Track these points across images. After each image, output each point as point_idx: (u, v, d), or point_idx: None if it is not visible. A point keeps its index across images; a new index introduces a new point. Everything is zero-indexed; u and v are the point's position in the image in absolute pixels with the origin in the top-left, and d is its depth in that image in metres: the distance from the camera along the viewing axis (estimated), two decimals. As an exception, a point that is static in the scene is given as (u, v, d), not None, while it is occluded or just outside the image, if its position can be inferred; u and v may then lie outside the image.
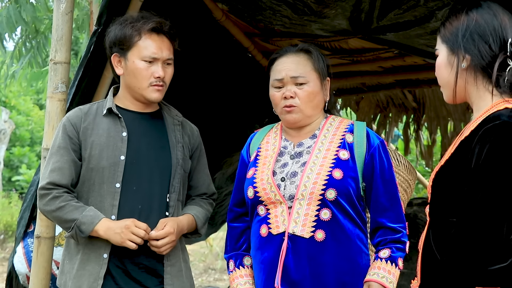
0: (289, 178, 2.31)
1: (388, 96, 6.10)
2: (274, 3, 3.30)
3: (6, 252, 9.58)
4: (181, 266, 2.54)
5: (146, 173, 2.49)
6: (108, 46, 2.55)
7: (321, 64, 2.41)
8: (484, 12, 1.83)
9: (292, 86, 2.35)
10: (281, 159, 2.38)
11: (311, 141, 2.39)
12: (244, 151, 2.52)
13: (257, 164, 2.41)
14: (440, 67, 1.90)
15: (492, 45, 1.79)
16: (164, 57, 2.49)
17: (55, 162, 2.46)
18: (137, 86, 2.50)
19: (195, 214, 2.58)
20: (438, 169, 1.86)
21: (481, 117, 1.79)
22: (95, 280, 2.40)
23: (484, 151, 1.70)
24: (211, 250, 9.37)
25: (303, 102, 2.35)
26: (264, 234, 2.32)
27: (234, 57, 4.24)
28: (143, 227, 2.39)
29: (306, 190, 2.27)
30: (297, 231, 2.26)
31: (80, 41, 8.30)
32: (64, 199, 2.41)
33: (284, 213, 2.29)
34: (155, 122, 2.59)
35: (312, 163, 2.31)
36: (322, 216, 2.26)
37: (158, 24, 2.49)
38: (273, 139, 2.46)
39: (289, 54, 2.41)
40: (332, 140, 2.36)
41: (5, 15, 5.15)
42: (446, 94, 1.92)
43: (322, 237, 2.26)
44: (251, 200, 2.37)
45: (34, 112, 17.02)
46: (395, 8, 3.16)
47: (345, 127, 2.40)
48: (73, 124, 2.50)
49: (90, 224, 2.38)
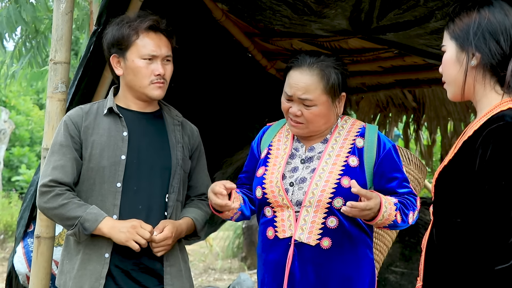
0: (297, 184, 2.31)
1: (388, 96, 6.09)
2: (274, 3, 3.30)
3: (6, 252, 9.57)
4: (180, 267, 2.54)
5: (146, 173, 2.49)
6: (106, 48, 2.55)
7: (335, 83, 2.32)
8: (496, 11, 1.81)
9: (299, 105, 2.32)
10: (292, 162, 2.38)
11: (322, 146, 2.37)
12: (254, 144, 2.52)
13: (267, 163, 2.40)
14: (448, 63, 1.87)
15: (503, 44, 1.78)
16: (163, 54, 2.49)
17: (57, 160, 2.46)
18: (138, 84, 2.50)
19: (194, 217, 2.58)
20: (442, 169, 1.86)
21: (484, 117, 1.78)
22: (96, 279, 2.40)
23: (488, 152, 1.69)
24: (211, 250, 9.37)
25: (309, 122, 2.33)
26: (270, 236, 2.33)
27: (234, 57, 4.24)
28: (148, 229, 2.39)
29: (314, 198, 2.26)
30: (303, 238, 2.27)
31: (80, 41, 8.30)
32: (67, 197, 2.41)
33: (290, 218, 2.30)
34: (155, 122, 2.59)
35: (321, 169, 2.30)
36: (328, 224, 2.26)
37: (155, 22, 2.50)
38: (284, 138, 2.45)
39: (303, 68, 2.32)
40: (342, 145, 2.35)
41: (5, 15, 5.15)
42: (452, 91, 1.89)
43: (328, 244, 2.26)
44: (258, 200, 2.38)
45: (34, 112, 17.00)
46: (395, 8, 3.16)
47: (356, 130, 2.38)
48: (74, 123, 2.49)
49: (94, 221, 2.37)
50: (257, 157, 2.49)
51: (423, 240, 1.93)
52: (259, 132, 2.55)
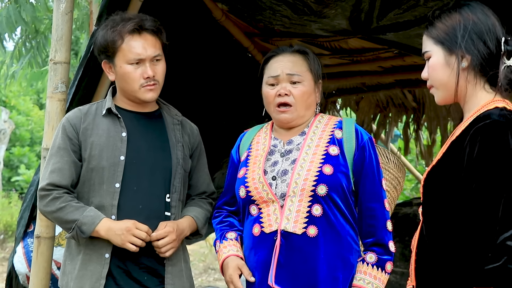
0: (280, 177, 2.32)
1: (388, 96, 6.10)
2: (274, 3, 3.30)
3: (6, 252, 9.57)
4: (181, 266, 2.54)
5: (146, 173, 2.49)
6: (97, 54, 2.55)
7: (316, 66, 2.43)
8: (477, 12, 1.84)
9: (287, 84, 2.37)
10: (272, 157, 2.39)
11: (300, 138, 2.40)
12: (234, 151, 2.54)
13: (248, 164, 2.41)
14: (436, 68, 1.88)
15: (489, 44, 1.80)
16: (150, 56, 2.46)
17: (55, 163, 2.46)
18: (129, 89, 2.49)
19: (194, 215, 2.58)
20: (430, 169, 1.87)
21: (471, 116, 1.80)
22: (97, 280, 2.40)
23: (475, 150, 1.70)
24: (211, 250, 9.36)
25: (297, 101, 2.36)
26: (256, 233, 2.32)
27: (234, 57, 4.24)
28: (144, 229, 2.39)
29: (297, 187, 2.27)
30: (289, 228, 2.27)
31: (80, 41, 8.30)
32: (64, 200, 2.41)
33: (276, 212, 2.30)
34: (154, 122, 2.59)
35: (302, 160, 2.32)
36: (313, 212, 2.27)
37: (137, 24, 2.45)
38: (263, 139, 2.48)
39: (285, 53, 2.43)
40: (321, 136, 2.37)
41: (5, 15, 5.14)
42: (441, 95, 1.90)
43: (314, 233, 2.26)
44: (243, 200, 2.38)
45: (34, 112, 17.00)
46: (395, 8, 3.16)
47: (333, 123, 2.41)
48: (72, 125, 2.49)
49: (91, 224, 2.37)
50: (236, 163, 2.50)
51: (413, 240, 1.93)
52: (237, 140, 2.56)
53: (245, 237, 2.39)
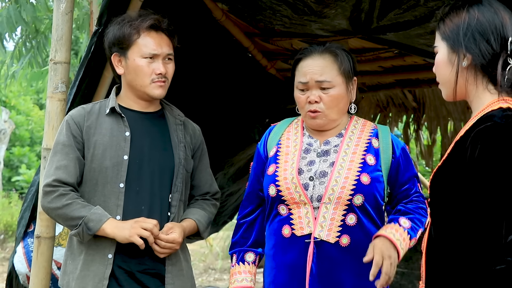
0: (318, 178, 2.28)
1: (388, 96, 6.10)
2: (274, 3, 3.30)
3: (6, 252, 9.58)
4: (182, 266, 2.54)
5: (149, 173, 2.49)
6: (108, 47, 2.55)
7: (347, 66, 2.36)
8: (485, 10, 1.81)
9: (317, 91, 2.31)
10: (307, 156, 2.34)
11: (337, 140, 2.36)
12: (260, 145, 2.47)
13: (278, 161, 2.36)
14: (440, 65, 1.88)
15: (493, 44, 1.77)
16: (164, 53, 2.49)
17: (61, 160, 2.45)
18: (139, 83, 2.50)
19: (197, 219, 2.57)
20: (436, 170, 1.86)
21: (476, 116, 1.79)
22: (100, 280, 2.40)
23: (475, 153, 1.69)
24: (211, 250, 9.37)
25: (327, 107, 2.31)
26: (287, 235, 2.29)
27: (234, 57, 4.24)
28: (153, 222, 2.39)
29: (333, 195, 2.24)
30: (323, 236, 2.24)
31: (80, 41, 8.30)
32: (71, 197, 2.40)
33: (308, 215, 2.27)
34: (157, 122, 2.59)
35: (339, 165, 2.28)
36: (348, 221, 2.25)
37: (156, 21, 2.50)
38: (294, 135, 2.42)
39: (314, 55, 2.35)
40: (358, 143, 2.34)
41: (5, 15, 5.15)
42: (446, 92, 1.90)
43: (346, 242, 2.25)
44: (272, 198, 2.33)
45: (34, 112, 17.03)
46: (395, 8, 3.16)
47: (370, 130, 2.39)
48: (76, 122, 2.49)
49: (98, 221, 2.37)
50: (263, 158, 2.43)
51: (423, 241, 1.92)
52: (264, 134, 2.51)
53: (271, 234, 2.36)
